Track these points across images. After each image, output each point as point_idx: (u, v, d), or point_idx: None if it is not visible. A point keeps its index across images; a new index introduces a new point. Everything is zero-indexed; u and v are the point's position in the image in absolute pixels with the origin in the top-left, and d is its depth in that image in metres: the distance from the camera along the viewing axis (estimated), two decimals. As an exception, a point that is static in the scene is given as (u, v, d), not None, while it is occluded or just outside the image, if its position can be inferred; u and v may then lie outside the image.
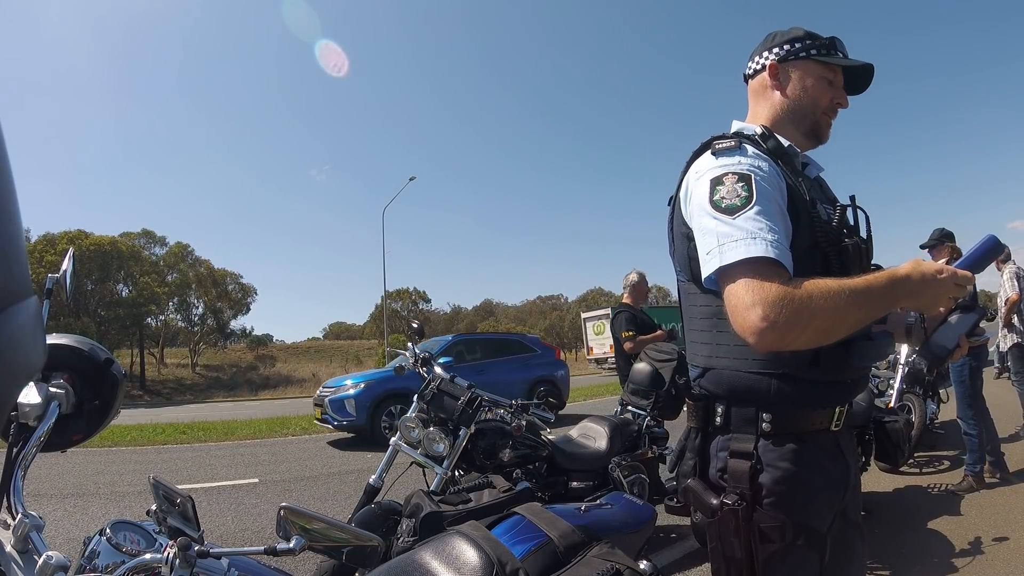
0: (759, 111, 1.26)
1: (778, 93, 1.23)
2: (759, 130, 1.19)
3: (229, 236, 70.16)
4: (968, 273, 1.06)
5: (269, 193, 79.49)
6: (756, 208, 1.01)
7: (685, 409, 1.26)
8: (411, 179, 25.87)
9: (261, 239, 74.91)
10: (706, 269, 1.04)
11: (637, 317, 4.50)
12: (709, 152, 1.13)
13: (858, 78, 1.24)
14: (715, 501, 1.11)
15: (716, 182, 1.06)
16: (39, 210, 49.96)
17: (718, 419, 1.16)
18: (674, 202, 1.20)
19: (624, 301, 4.70)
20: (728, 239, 1.00)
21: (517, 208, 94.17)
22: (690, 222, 1.12)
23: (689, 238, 1.12)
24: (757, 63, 1.27)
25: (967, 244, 1.05)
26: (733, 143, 1.11)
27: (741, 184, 1.03)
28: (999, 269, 5.62)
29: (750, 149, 1.10)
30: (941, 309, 1.10)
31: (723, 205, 1.03)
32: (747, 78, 1.30)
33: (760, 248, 0.97)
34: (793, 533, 1.06)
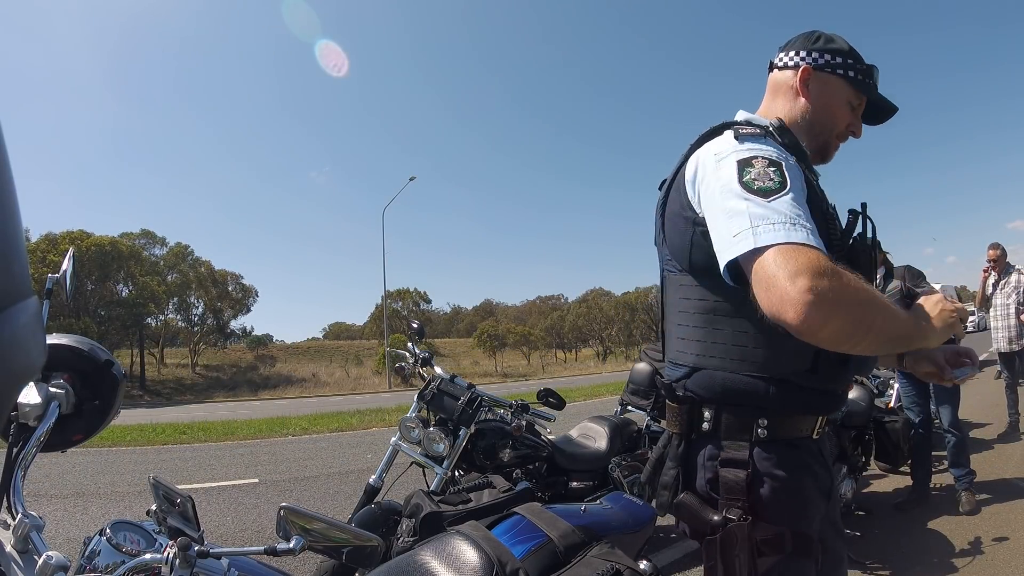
0: (775, 107, 1.19)
1: (803, 99, 1.17)
2: (775, 122, 1.12)
3: (229, 237, 70.24)
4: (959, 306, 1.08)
5: (269, 193, 79.63)
6: (791, 195, 0.93)
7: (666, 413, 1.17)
8: (411, 179, 26.08)
9: (261, 240, 74.96)
10: (731, 252, 0.93)
11: None
12: (731, 135, 1.04)
13: (876, 112, 1.20)
14: (716, 517, 1.02)
15: (745, 163, 0.97)
16: (40, 210, 50.13)
17: (705, 424, 1.07)
18: (670, 186, 1.12)
19: None
20: (764, 221, 0.90)
21: (517, 208, 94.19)
22: (702, 205, 1.03)
23: (696, 223, 1.04)
24: (790, 58, 1.19)
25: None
26: (759, 131, 1.06)
27: (772, 169, 0.96)
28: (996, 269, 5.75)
29: (774, 140, 1.06)
30: None
31: (755, 187, 0.94)
32: (773, 67, 1.22)
33: (802, 236, 0.89)
34: (792, 543, 1.01)
